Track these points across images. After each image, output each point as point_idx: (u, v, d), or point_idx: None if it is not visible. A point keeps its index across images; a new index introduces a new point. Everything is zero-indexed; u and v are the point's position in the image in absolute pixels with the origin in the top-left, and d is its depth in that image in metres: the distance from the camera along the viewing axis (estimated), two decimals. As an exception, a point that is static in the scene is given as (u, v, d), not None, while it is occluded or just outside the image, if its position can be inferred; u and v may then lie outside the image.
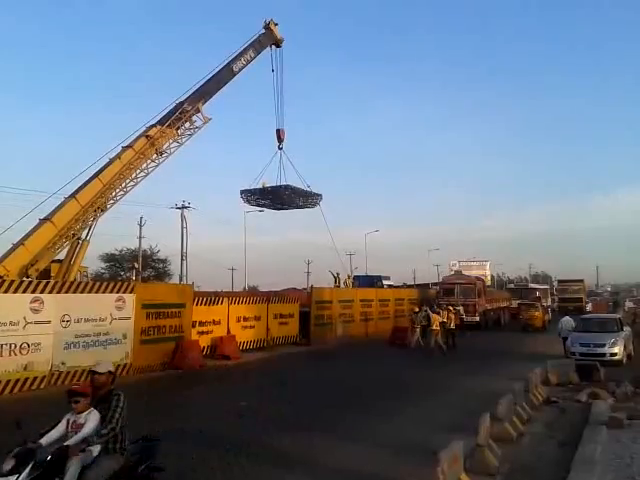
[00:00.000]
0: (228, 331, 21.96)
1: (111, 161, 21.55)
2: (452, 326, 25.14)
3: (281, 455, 8.80)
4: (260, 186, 29.37)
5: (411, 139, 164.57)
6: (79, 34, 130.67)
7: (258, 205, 32.59)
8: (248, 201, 31.08)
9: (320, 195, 32.01)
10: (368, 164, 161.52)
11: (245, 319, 23.19)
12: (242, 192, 30.33)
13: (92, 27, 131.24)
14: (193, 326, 20.09)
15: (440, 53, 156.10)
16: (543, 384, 14.21)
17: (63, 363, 15.08)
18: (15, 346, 13.94)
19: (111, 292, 16.93)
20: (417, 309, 27.08)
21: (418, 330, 25.23)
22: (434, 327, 23.74)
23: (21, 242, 19.20)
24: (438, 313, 25.15)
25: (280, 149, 29.18)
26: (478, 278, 42.20)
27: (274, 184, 29.17)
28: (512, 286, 63.73)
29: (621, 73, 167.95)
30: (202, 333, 20.70)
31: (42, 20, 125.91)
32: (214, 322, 21.48)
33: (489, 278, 75.55)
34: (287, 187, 29.34)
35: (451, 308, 26.57)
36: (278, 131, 29.19)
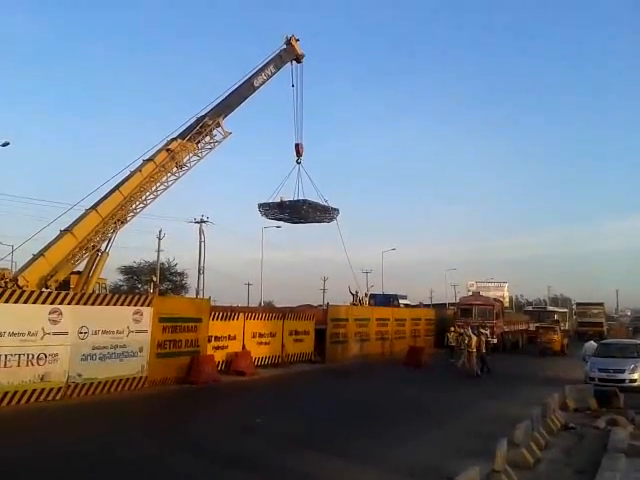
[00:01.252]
0: (243, 347, 21.93)
1: (132, 174, 21.73)
2: (484, 349, 24.71)
3: (294, 474, 8.74)
4: (278, 200, 29.51)
5: (427, 157, 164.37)
6: (97, 44, 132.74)
7: (276, 219, 32.60)
8: (266, 215, 31.10)
9: (337, 210, 32.00)
10: (384, 181, 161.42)
11: (260, 335, 23.15)
12: (260, 206, 30.42)
13: (111, 37, 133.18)
14: (209, 341, 20.08)
15: (457, 69, 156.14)
16: (561, 409, 13.98)
17: (79, 375, 15.13)
18: (33, 356, 14.02)
19: (129, 305, 17.02)
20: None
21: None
22: (472, 349, 23.37)
23: (41, 253, 19.38)
24: (477, 335, 24.80)
25: (298, 163, 29.25)
26: (496, 299, 41.83)
27: (292, 198, 29.31)
28: (530, 308, 62.99)
29: (636, 96, 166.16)
30: (217, 348, 20.68)
31: (63, 30, 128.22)
32: (230, 337, 21.46)
33: (507, 300, 74.97)
34: (305, 201, 29.39)
35: (482, 331, 26.25)
36: (297, 145, 29.25)
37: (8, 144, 36.46)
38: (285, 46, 27.54)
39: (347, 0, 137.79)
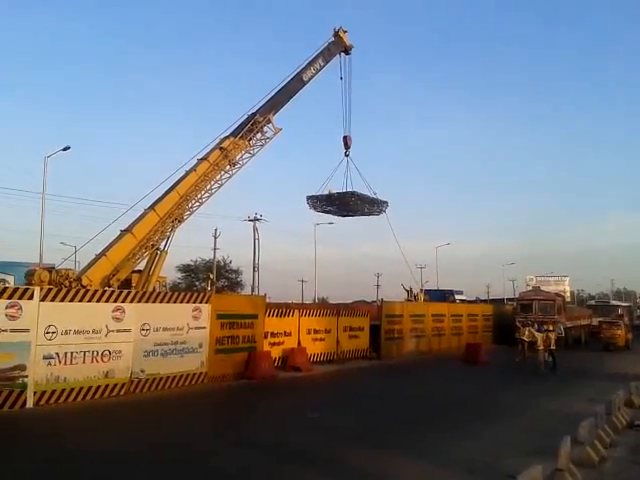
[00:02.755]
0: (299, 343, 22.11)
1: (187, 173, 22.16)
2: (552, 346, 24.01)
3: (351, 469, 8.77)
4: (326, 192, 29.52)
5: (481, 148, 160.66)
6: (143, 44, 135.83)
7: (324, 211, 32.37)
8: (314, 207, 30.99)
9: (386, 202, 31.65)
10: (436, 175, 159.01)
11: (315, 331, 23.30)
12: (308, 198, 30.37)
13: (156, 37, 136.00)
14: (265, 337, 20.33)
15: (511, 59, 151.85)
16: (626, 406, 13.51)
17: (142, 370, 15.57)
18: (97, 353, 14.52)
19: (188, 302, 17.41)
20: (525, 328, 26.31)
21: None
22: (539, 346, 22.99)
23: (103, 253, 20.00)
24: (542, 332, 24.29)
25: (347, 156, 29.11)
26: (557, 294, 40.72)
27: (340, 191, 29.26)
28: (593, 303, 61.04)
29: None
30: (274, 344, 20.93)
31: (113, 30, 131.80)
32: (285, 333, 21.68)
33: (568, 294, 72.81)
34: (353, 193, 29.20)
35: (551, 327, 25.68)
36: (345, 138, 29.11)
37: (69, 148, 37.96)
38: (333, 38, 27.51)
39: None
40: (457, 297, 50.10)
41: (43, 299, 13.63)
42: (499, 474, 8.28)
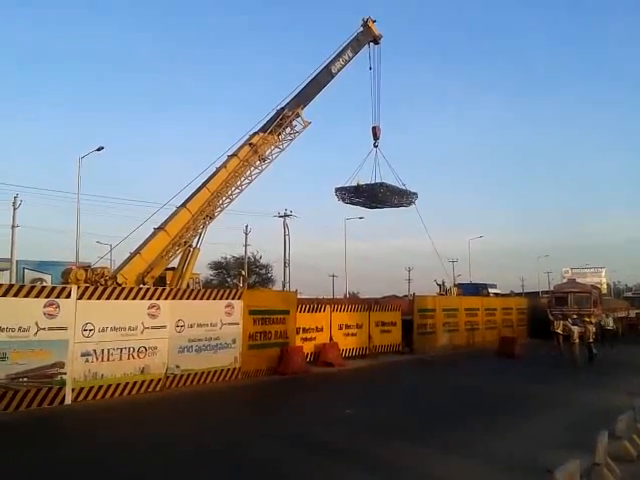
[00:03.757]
0: (331, 338, 22.15)
1: (218, 170, 22.31)
2: (590, 339, 23.59)
3: (384, 463, 8.77)
4: (354, 184, 29.40)
5: (515, 140, 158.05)
6: (172, 44, 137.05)
7: (352, 203, 32.13)
8: (342, 199, 30.84)
9: (416, 194, 31.40)
10: (468, 168, 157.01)
11: (347, 326, 23.28)
12: (337, 190, 30.27)
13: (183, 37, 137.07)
14: (297, 332, 20.42)
15: (546, 57, 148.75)
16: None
17: (177, 366, 15.79)
18: (134, 350, 14.77)
19: (221, 299, 17.59)
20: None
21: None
22: (575, 340, 22.48)
23: (137, 251, 20.33)
24: (581, 324, 23.89)
25: (376, 147, 28.90)
26: (593, 286, 40.07)
27: (368, 182, 29.14)
28: (630, 294, 59.75)
29: None
30: (306, 340, 21.01)
31: (145, 32, 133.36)
32: (317, 329, 21.74)
33: (605, 286, 71.45)
34: (382, 184, 29.03)
35: (587, 319, 25.21)
36: (374, 128, 28.87)
37: (102, 149, 38.66)
38: (362, 29, 27.31)
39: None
40: (491, 290, 49.57)
41: (80, 297, 13.91)
42: (536, 469, 8.18)
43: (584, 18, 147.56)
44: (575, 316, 26.44)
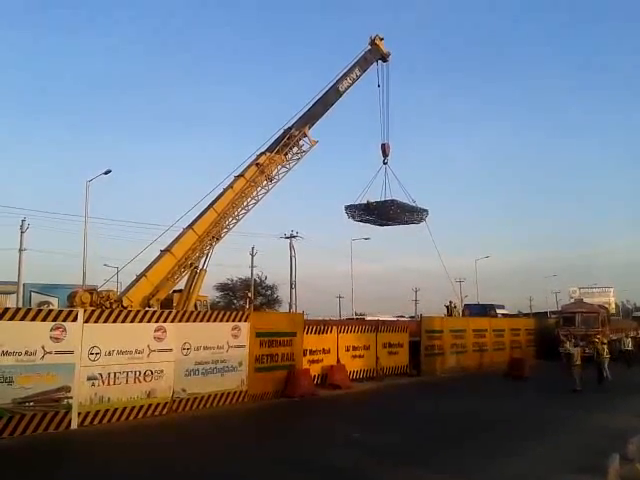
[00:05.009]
0: (338, 360, 21.98)
1: (224, 191, 22.36)
2: (600, 359, 23.37)
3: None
4: (364, 202, 29.40)
5: (522, 158, 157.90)
6: (177, 61, 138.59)
7: (362, 221, 32.09)
8: (352, 217, 30.78)
9: (426, 210, 31.35)
10: (475, 187, 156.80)
11: (354, 348, 23.14)
12: (347, 208, 30.23)
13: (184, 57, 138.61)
14: (304, 354, 20.27)
15: (553, 76, 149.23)
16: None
17: (184, 390, 15.67)
18: (140, 373, 14.70)
19: (227, 321, 17.51)
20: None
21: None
22: (577, 362, 21.74)
23: (143, 274, 20.36)
24: (579, 346, 23.58)
25: (385, 164, 28.98)
26: (601, 306, 39.77)
27: (378, 199, 29.12)
28: (639, 314, 59.25)
29: None
30: (313, 362, 20.86)
31: (147, 51, 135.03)
32: (324, 351, 21.59)
33: (613, 306, 70.88)
34: (393, 202, 29.01)
35: (598, 340, 24.94)
36: (383, 145, 28.98)
37: (110, 172, 38.98)
38: (369, 47, 27.43)
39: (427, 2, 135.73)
40: (499, 311, 49.37)
41: (87, 321, 13.88)
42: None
43: (589, 37, 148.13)
44: (579, 337, 26.24)
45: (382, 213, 30.11)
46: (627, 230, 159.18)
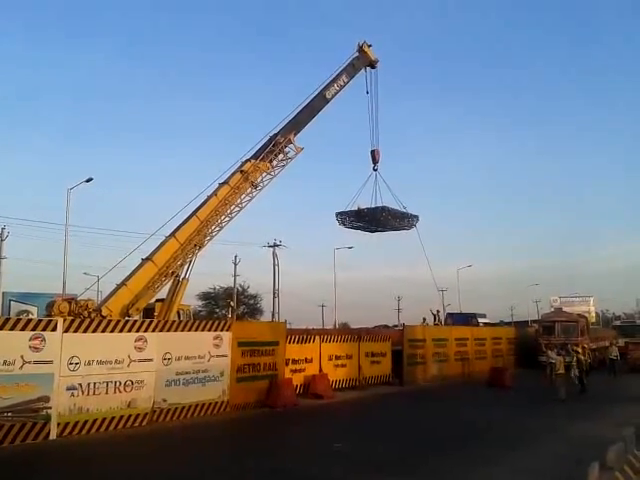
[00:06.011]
0: (320, 369, 21.95)
1: (208, 198, 22.17)
2: (582, 368, 23.67)
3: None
4: (355, 209, 29.43)
5: (504, 170, 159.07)
6: (158, 72, 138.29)
7: (353, 228, 32.08)
8: (343, 224, 30.79)
9: (417, 216, 31.42)
10: (456, 196, 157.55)
11: (337, 357, 23.11)
12: (337, 214, 30.22)
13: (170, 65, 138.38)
14: (286, 364, 20.21)
15: (536, 86, 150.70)
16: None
17: (164, 400, 15.55)
18: (120, 383, 14.56)
19: (209, 330, 17.43)
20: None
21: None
22: (560, 371, 22.06)
23: (123, 283, 20.12)
24: (561, 355, 23.78)
25: (375, 170, 29.00)
26: (580, 315, 40.11)
27: (368, 206, 29.13)
28: (618, 323, 59.83)
29: None
30: (295, 371, 20.81)
31: (131, 62, 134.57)
32: (306, 360, 21.56)
33: (593, 315, 71.46)
34: (384, 208, 29.06)
35: (580, 349, 25.19)
36: (373, 152, 28.94)
37: (92, 180, 38.63)
38: (357, 54, 27.40)
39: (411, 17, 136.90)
40: (480, 320, 49.54)
41: (66, 330, 13.75)
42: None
43: (580, 45, 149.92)
44: (561, 346, 26.47)
45: (373, 219, 30.17)
46: (608, 240, 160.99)
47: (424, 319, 37.45)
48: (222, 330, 17.75)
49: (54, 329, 13.47)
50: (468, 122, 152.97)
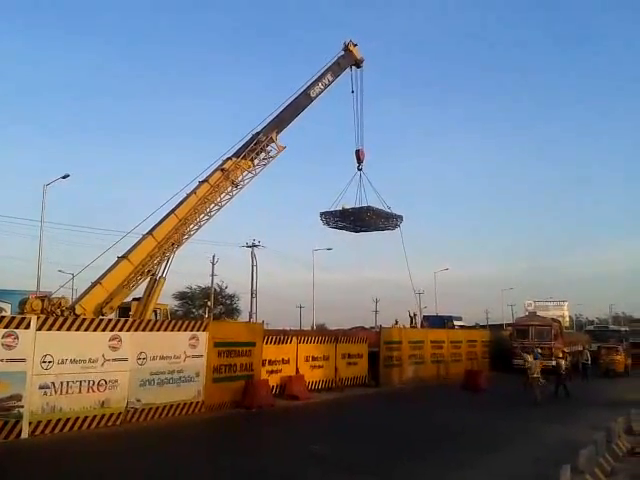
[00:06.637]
0: (297, 370, 21.95)
1: (187, 196, 21.87)
2: (562, 371, 23.99)
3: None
4: (339, 208, 29.37)
5: (482, 174, 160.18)
6: (139, 71, 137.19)
7: (337, 227, 32.03)
8: (327, 224, 30.79)
9: (401, 216, 31.53)
10: (434, 200, 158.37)
11: (314, 358, 23.13)
12: (322, 214, 30.19)
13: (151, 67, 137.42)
14: (263, 365, 20.17)
15: (518, 85, 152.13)
16: (626, 434, 13.40)
17: (138, 400, 15.40)
18: (93, 383, 14.38)
19: (185, 330, 17.29)
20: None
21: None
22: (535, 374, 22.28)
23: (98, 281, 19.81)
24: (537, 359, 24.01)
25: (359, 170, 28.99)
26: (554, 319, 40.71)
27: (352, 206, 29.13)
28: (591, 328, 60.70)
29: None
30: (272, 372, 20.76)
31: (107, 60, 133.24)
32: (283, 361, 21.53)
33: (567, 319, 72.53)
34: (369, 208, 29.09)
35: (561, 353, 25.57)
36: (357, 152, 28.95)
37: (68, 176, 38.14)
38: (343, 52, 27.30)
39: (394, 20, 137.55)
40: (456, 323, 49.91)
41: (40, 328, 13.54)
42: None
43: (580, 47, 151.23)
44: (539, 350, 26.82)
45: (358, 219, 30.18)
46: (582, 245, 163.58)
47: (396, 321, 37.68)
48: (198, 330, 17.63)
49: (27, 327, 13.27)
50: (449, 125, 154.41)
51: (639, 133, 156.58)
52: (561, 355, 25.42)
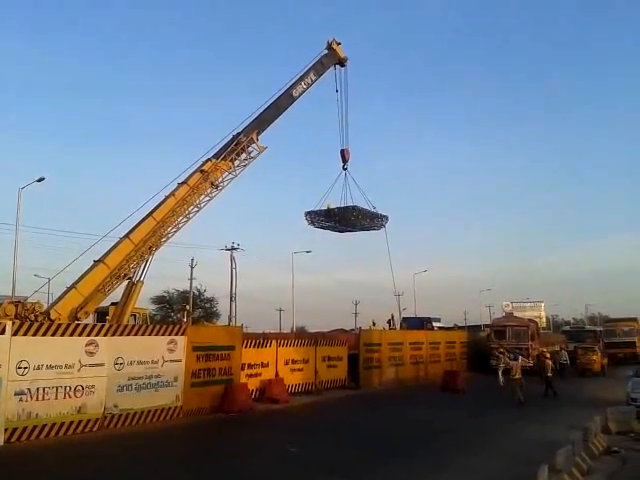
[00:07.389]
0: (277, 374, 21.88)
1: (166, 198, 21.50)
2: (548, 373, 24.40)
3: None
4: (324, 208, 29.21)
5: (461, 176, 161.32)
6: (125, 72, 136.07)
7: (322, 227, 31.83)
8: (312, 223, 30.60)
9: (386, 216, 31.47)
10: (413, 202, 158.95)
11: (294, 362, 23.10)
12: (307, 214, 30.01)
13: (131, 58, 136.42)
14: (242, 369, 20.06)
15: (496, 85, 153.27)
16: (603, 433, 13.61)
17: (116, 406, 15.24)
18: (70, 389, 14.19)
19: (163, 334, 17.15)
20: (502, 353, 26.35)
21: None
22: (517, 376, 22.10)
23: (73, 285, 19.50)
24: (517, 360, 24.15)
25: (345, 169, 28.83)
26: (531, 320, 41.15)
27: (337, 205, 28.99)
28: (568, 328, 61.41)
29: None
30: (251, 376, 20.67)
31: (90, 60, 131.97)
32: (263, 365, 21.45)
33: (544, 320, 73.32)
34: (355, 208, 28.97)
35: (547, 354, 25.89)
36: (342, 151, 28.81)
37: (43, 179, 37.67)
38: (326, 51, 27.04)
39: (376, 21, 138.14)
40: (435, 324, 50.22)
41: (15, 333, 13.34)
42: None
43: (578, 46, 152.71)
44: (517, 350, 27.07)
45: (343, 219, 30.06)
46: (559, 246, 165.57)
47: (374, 323, 37.77)
48: (177, 334, 17.50)
49: (3, 332, 13.06)
50: (420, 126, 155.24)
51: (614, 131, 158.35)
52: (548, 356, 25.72)
